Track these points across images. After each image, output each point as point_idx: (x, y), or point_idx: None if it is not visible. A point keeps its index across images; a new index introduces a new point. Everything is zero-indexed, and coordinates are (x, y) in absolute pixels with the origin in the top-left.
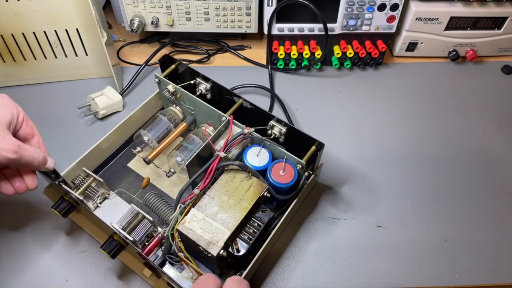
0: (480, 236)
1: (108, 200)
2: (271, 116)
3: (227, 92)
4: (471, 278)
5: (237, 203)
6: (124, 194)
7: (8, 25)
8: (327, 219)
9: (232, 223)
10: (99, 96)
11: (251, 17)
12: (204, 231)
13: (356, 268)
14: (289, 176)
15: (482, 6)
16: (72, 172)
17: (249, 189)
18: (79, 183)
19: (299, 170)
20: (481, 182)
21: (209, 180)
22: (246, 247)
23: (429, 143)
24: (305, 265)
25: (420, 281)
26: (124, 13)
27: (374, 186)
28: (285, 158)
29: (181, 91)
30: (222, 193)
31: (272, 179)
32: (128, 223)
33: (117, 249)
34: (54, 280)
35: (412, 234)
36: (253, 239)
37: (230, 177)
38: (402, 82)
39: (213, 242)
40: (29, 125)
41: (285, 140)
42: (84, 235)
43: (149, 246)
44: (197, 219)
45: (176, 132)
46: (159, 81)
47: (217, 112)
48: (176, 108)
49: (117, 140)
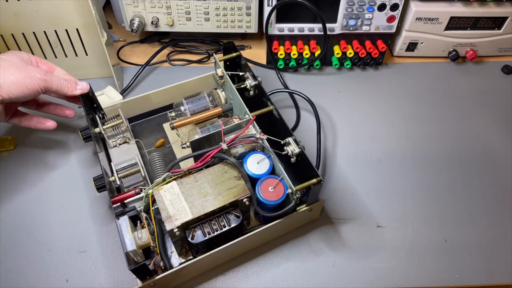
0: (480, 236)
1: (127, 144)
2: (290, 133)
3: (263, 95)
4: (471, 278)
5: (215, 195)
6: (141, 146)
7: (8, 25)
8: (327, 219)
9: (199, 210)
10: (100, 96)
11: (251, 17)
12: (172, 205)
13: (356, 268)
14: (276, 195)
15: (482, 6)
16: (111, 111)
17: (232, 188)
18: (109, 119)
19: (289, 194)
20: (481, 182)
21: (201, 164)
22: (202, 238)
23: (429, 143)
24: (305, 265)
25: (420, 281)
26: (124, 13)
27: (374, 186)
28: (281, 178)
29: (225, 77)
30: (206, 181)
31: (257, 191)
32: (124, 169)
33: (106, 187)
34: (54, 280)
35: (412, 234)
36: (212, 234)
37: (222, 170)
38: (402, 82)
39: (172, 218)
40: (44, 62)
41: (296, 162)
42: (85, 234)
43: (119, 196)
44: (173, 192)
45: (209, 113)
46: (215, 62)
47: (244, 108)
48: (222, 93)
49: (165, 100)
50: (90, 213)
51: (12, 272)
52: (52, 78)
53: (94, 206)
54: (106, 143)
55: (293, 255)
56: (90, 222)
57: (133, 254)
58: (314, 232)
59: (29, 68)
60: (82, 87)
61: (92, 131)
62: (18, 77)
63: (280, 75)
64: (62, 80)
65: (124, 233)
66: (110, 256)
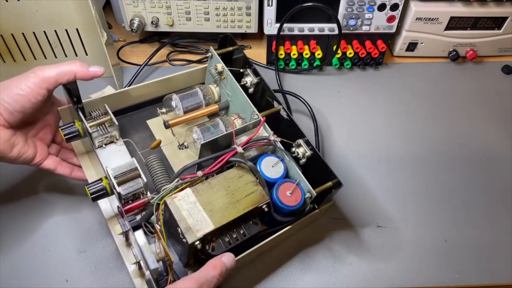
0: (480, 236)
1: (114, 145)
2: (302, 135)
3: (269, 94)
4: (471, 278)
5: (233, 203)
6: (131, 146)
7: (8, 25)
8: (327, 219)
9: (220, 220)
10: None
11: (251, 17)
12: (190, 215)
13: (356, 268)
14: (294, 200)
15: (482, 6)
16: (93, 104)
17: (250, 194)
18: (95, 117)
19: (306, 198)
20: (481, 182)
21: (217, 168)
22: (223, 249)
23: (429, 143)
24: (305, 265)
25: (420, 281)
26: (124, 13)
27: (374, 186)
28: (298, 182)
29: (227, 74)
30: (223, 187)
31: (276, 196)
32: (122, 174)
33: (100, 194)
34: (54, 280)
35: (412, 234)
36: (232, 245)
37: (237, 175)
38: (402, 82)
39: (193, 230)
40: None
41: (305, 164)
42: (84, 235)
43: (131, 205)
44: (188, 200)
45: (206, 110)
46: (211, 56)
47: (253, 109)
48: (216, 89)
49: (146, 94)
50: (90, 212)
51: (12, 272)
52: (59, 66)
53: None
54: (91, 143)
55: (293, 255)
56: (90, 222)
57: (153, 273)
58: (314, 231)
59: (19, 76)
60: (95, 69)
61: (85, 126)
62: (10, 85)
63: (278, 76)
64: (68, 63)
65: (144, 249)
66: (110, 256)
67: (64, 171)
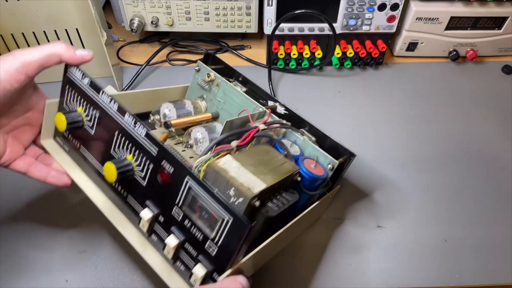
0: (481, 236)
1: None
2: (305, 123)
3: (263, 94)
4: (472, 278)
5: (271, 170)
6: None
7: (8, 25)
8: (327, 219)
9: (270, 181)
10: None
11: (251, 17)
12: (239, 176)
13: (356, 268)
14: (320, 171)
15: (482, 6)
16: None
17: (282, 164)
18: None
19: (328, 170)
20: (481, 182)
21: (247, 141)
22: (276, 211)
23: (429, 143)
24: (305, 265)
25: (420, 281)
26: (124, 13)
27: (374, 186)
28: (317, 158)
29: (221, 80)
30: (256, 158)
31: (304, 168)
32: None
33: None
34: (54, 280)
35: (412, 234)
36: (282, 208)
37: (264, 150)
38: (402, 82)
39: (248, 187)
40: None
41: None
42: (85, 234)
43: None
44: (232, 165)
45: (201, 116)
46: (199, 69)
47: (255, 104)
48: (202, 102)
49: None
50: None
51: (12, 272)
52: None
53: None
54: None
55: (292, 255)
56: (90, 222)
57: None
58: (314, 232)
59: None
60: (82, 52)
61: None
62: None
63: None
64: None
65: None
66: (110, 256)
67: (38, 174)
